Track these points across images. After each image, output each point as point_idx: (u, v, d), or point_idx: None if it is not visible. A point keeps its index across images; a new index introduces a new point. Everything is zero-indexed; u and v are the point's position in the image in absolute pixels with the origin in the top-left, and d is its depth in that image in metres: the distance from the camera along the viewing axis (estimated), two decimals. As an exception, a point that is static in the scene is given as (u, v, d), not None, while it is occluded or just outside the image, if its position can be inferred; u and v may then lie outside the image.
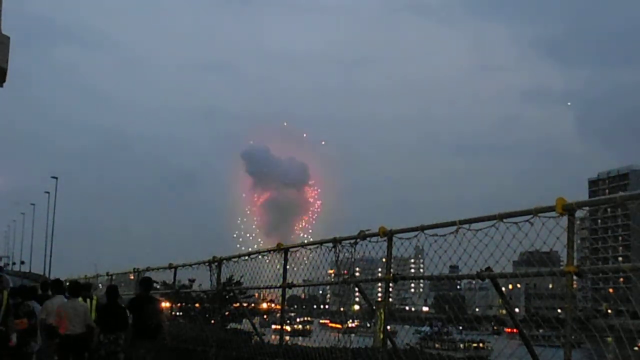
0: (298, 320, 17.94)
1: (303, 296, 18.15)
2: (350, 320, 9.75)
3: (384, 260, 7.21)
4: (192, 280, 16.75)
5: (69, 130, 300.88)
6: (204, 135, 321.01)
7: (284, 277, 9.39)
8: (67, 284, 14.40)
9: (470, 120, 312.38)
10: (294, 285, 9.46)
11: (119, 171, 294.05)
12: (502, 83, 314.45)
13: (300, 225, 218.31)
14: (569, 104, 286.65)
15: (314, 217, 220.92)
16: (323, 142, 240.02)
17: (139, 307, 11.03)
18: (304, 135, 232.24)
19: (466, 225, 5.77)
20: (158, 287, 17.84)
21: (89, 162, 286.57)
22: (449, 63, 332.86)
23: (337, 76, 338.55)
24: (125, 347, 11.11)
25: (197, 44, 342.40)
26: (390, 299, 7.46)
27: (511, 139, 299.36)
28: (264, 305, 17.21)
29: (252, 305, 17.25)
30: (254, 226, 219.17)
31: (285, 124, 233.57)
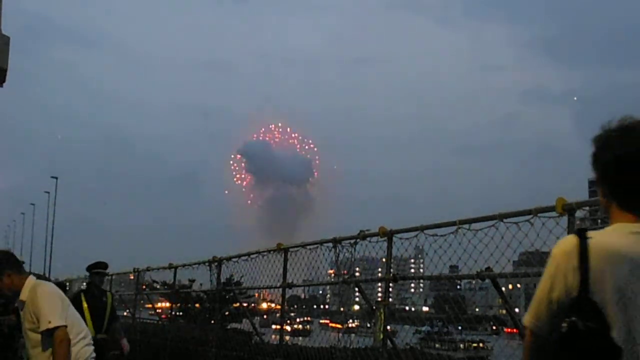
0: (298, 320, 17.89)
1: (303, 296, 18.13)
2: (350, 320, 9.74)
3: (384, 260, 7.20)
4: (191, 281, 16.74)
5: (69, 130, 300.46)
6: (203, 133, 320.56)
7: (284, 277, 9.37)
8: (67, 284, 14.50)
9: (469, 120, 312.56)
10: (294, 285, 9.42)
11: (119, 170, 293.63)
12: (501, 82, 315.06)
13: (301, 224, 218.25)
14: (575, 98, 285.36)
15: (314, 215, 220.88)
16: (316, 149, 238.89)
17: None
18: (303, 134, 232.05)
19: (466, 225, 5.75)
20: (158, 287, 17.85)
21: (90, 162, 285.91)
22: (448, 62, 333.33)
23: (337, 75, 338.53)
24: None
25: (197, 42, 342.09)
26: (390, 299, 7.45)
27: (510, 139, 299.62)
28: (264, 305, 17.20)
29: (252, 305, 17.24)
30: (254, 225, 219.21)
31: (284, 122, 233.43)
